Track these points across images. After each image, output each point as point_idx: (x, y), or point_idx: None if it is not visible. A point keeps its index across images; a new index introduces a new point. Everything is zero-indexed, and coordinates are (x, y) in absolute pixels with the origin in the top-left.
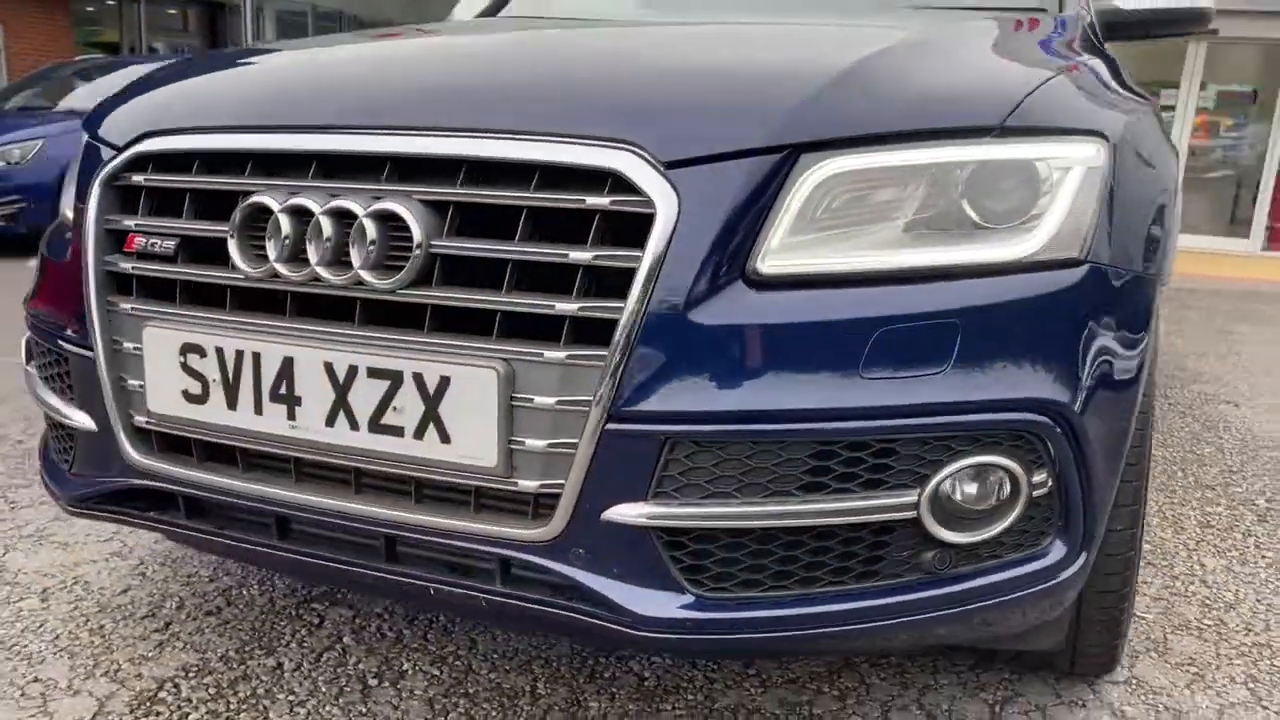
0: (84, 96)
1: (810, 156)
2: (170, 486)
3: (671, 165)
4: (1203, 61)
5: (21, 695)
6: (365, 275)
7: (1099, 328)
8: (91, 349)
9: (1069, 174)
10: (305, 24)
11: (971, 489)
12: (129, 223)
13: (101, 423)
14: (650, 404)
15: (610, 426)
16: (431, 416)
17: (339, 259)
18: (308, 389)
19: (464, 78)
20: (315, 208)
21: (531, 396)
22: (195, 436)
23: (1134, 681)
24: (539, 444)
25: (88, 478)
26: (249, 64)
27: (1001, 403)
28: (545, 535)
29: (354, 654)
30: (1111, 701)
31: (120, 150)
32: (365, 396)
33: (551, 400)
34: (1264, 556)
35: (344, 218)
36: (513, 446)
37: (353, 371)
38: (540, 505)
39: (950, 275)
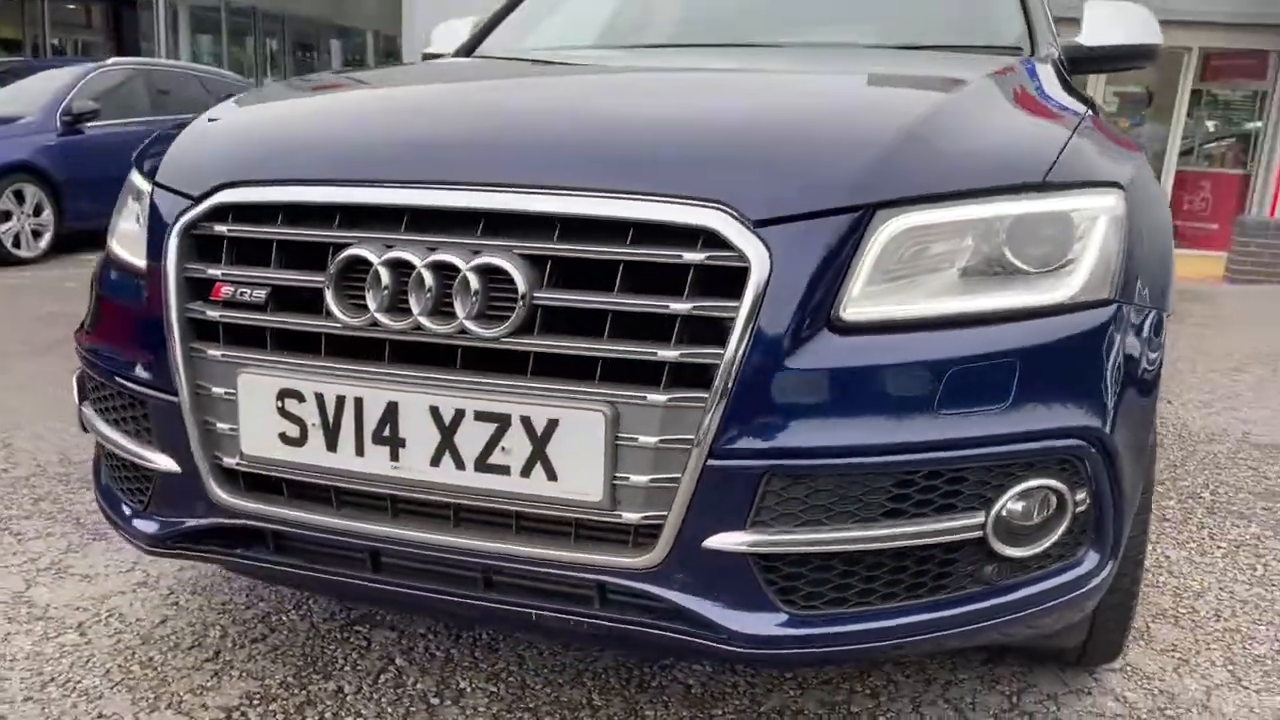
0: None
1: (884, 213)
2: (261, 524)
3: (761, 224)
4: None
5: None
6: (469, 325)
7: (1125, 358)
8: (175, 393)
9: (1096, 222)
10: (219, 19)
11: (1028, 508)
12: (214, 272)
13: (185, 465)
14: (748, 442)
15: (711, 463)
16: (539, 456)
17: (440, 309)
18: (412, 432)
19: (549, 133)
20: (416, 261)
21: (636, 436)
22: (291, 478)
23: (1128, 669)
24: (642, 479)
25: (168, 517)
26: (317, 106)
27: (1052, 431)
28: (647, 563)
29: (409, 675)
30: (1113, 688)
31: (196, 200)
32: (472, 438)
33: (655, 439)
34: (1219, 547)
35: (445, 270)
36: (617, 482)
37: (459, 415)
38: (641, 535)
39: (1007, 319)
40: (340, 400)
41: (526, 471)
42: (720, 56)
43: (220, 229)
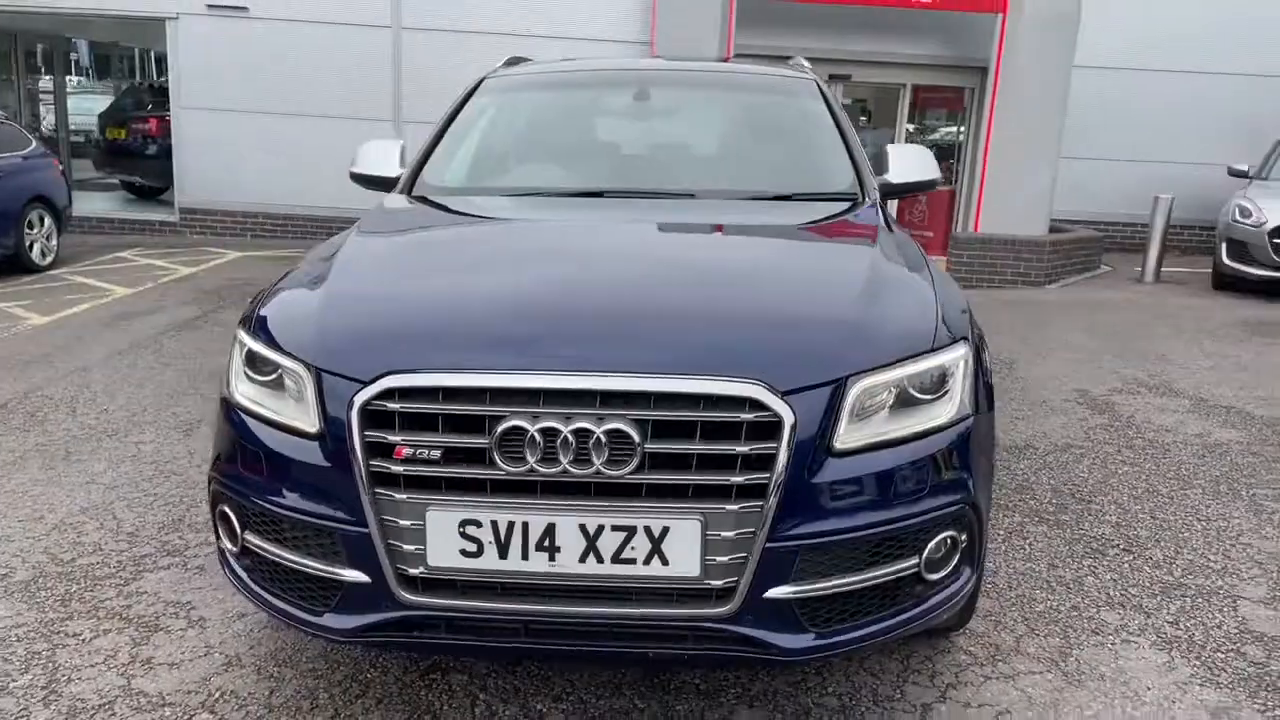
0: None
1: (853, 379)
2: (444, 614)
3: (787, 393)
4: (840, 93)
5: None
6: (602, 468)
7: (981, 443)
8: (364, 525)
9: (959, 365)
10: None
11: (937, 549)
12: (394, 439)
13: (374, 576)
14: (789, 529)
15: (768, 545)
16: (656, 551)
17: (579, 458)
18: (566, 541)
19: (629, 329)
20: (561, 427)
21: (719, 533)
22: (465, 580)
23: (968, 632)
24: (723, 559)
25: (357, 615)
26: (435, 295)
27: (950, 501)
28: (727, 611)
29: (495, 705)
30: (962, 645)
31: (366, 383)
32: (609, 542)
33: (731, 533)
34: (998, 534)
35: (582, 433)
36: (707, 562)
37: (600, 528)
38: (720, 594)
39: (921, 436)
40: (510, 524)
41: (648, 561)
42: (660, 210)
43: (392, 406)
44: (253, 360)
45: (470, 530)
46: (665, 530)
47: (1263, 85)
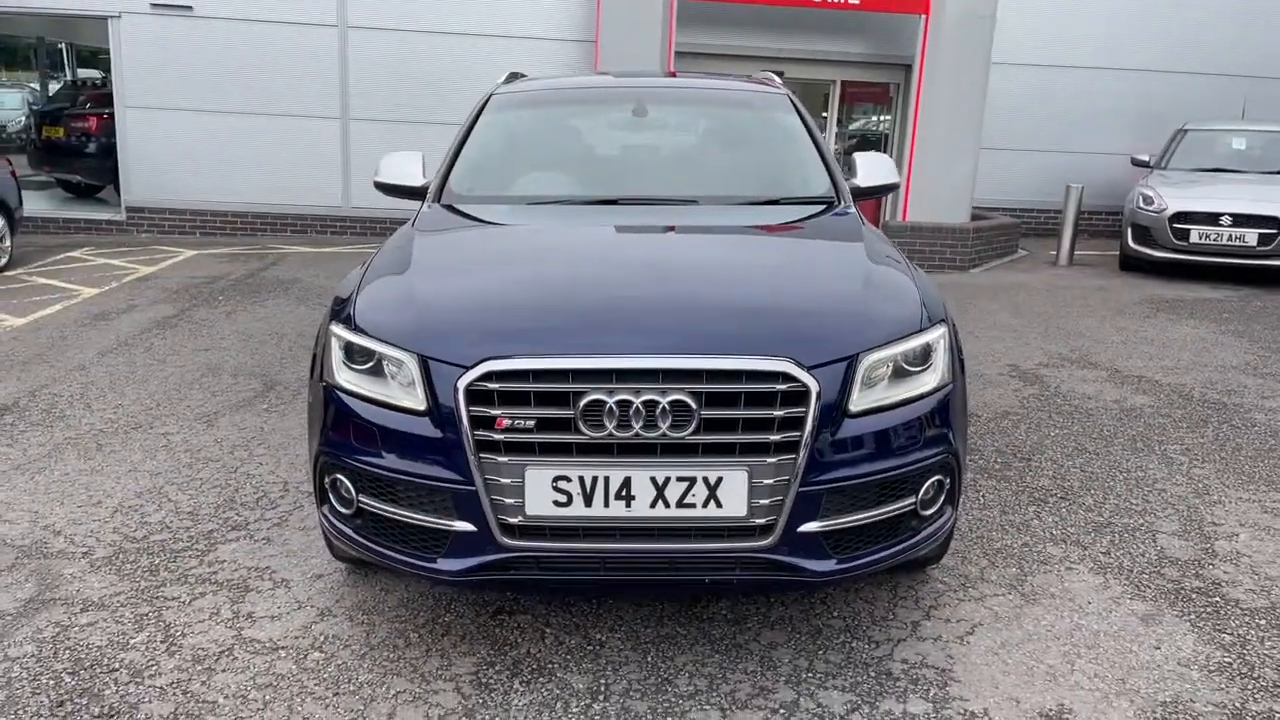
0: None
1: (863, 355)
2: (539, 554)
3: (812, 367)
4: None
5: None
6: (667, 432)
7: (957, 405)
8: (471, 484)
9: (940, 342)
10: None
11: (929, 490)
12: (495, 413)
13: (480, 525)
14: (816, 477)
15: (800, 490)
16: (712, 496)
17: (648, 424)
18: (639, 491)
19: (691, 322)
20: (633, 399)
21: (761, 480)
22: (559, 526)
23: (943, 566)
24: (765, 502)
25: (464, 559)
26: (515, 289)
27: (938, 452)
28: (768, 545)
29: (562, 635)
30: (936, 576)
31: (469, 368)
32: (674, 490)
33: (771, 481)
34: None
35: (649, 404)
36: (752, 504)
37: (667, 480)
38: (763, 530)
39: (913, 400)
40: (594, 479)
41: (705, 505)
42: (674, 215)
43: (492, 386)
44: (351, 351)
45: (561, 484)
46: (719, 480)
47: (1163, 80)
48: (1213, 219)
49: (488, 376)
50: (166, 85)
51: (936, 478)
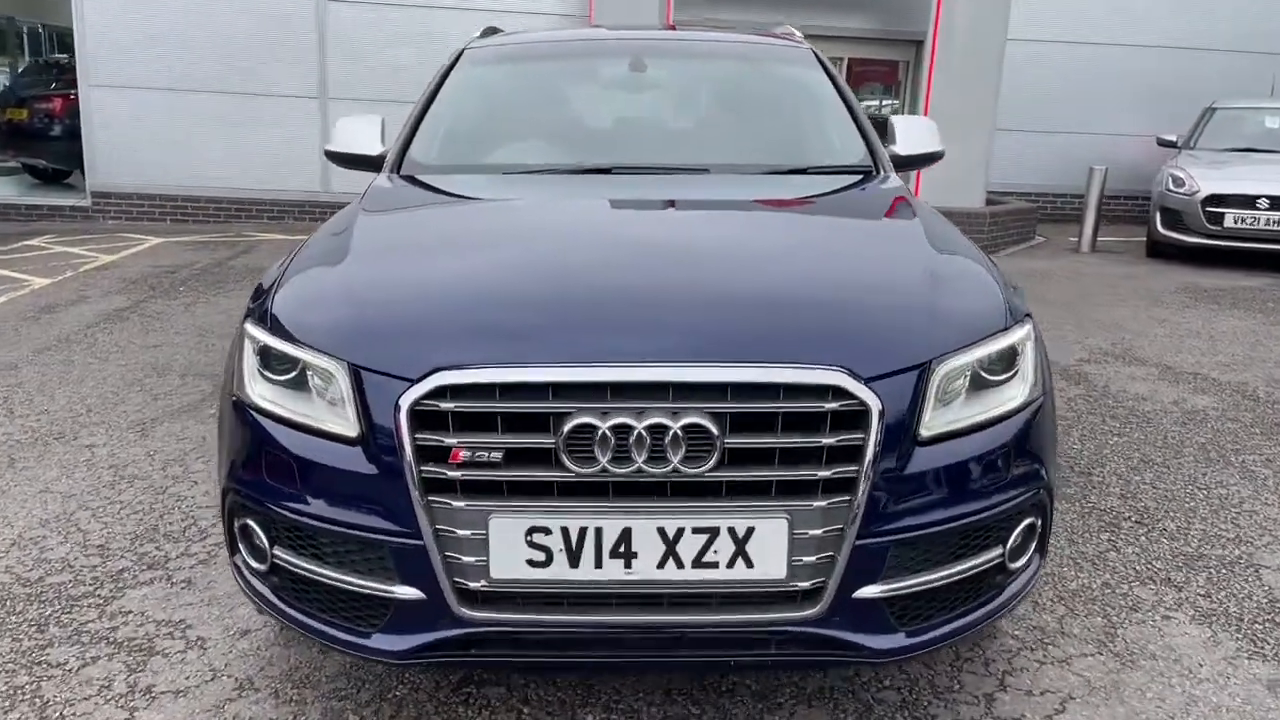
0: None
1: (938, 362)
2: (509, 630)
3: (872, 379)
4: None
5: None
6: (680, 466)
7: (1048, 424)
8: (417, 537)
9: (1028, 344)
10: None
11: (1019, 536)
12: (450, 441)
13: (430, 591)
14: (880, 525)
15: (858, 543)
16: (740, 553)
17: (653, 456)
18: (643, 546)
19: (709, 319)
20: (634, 423)
21: (806, 531)
22: (535, 592)
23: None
24: (810, 559)
25: (411, 634)
26: (475, 279)
27: (1030, 488)
28: (815, 615)
29: (538, 716)
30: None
31: (415, 381)
32: (690, 546)
33: (819, 531)
34: None
35: (656, 429)
36: (794, 563)
37: (680, 531)
38: (807, 596)
39: (999, 419)
40: (583, 530)
41: (731, 565)
42: (679, 187)
43: (445, 405)
44: (267, 357)
45: (538, 538)
46: (750, 530)
47: (1187, 57)
48: (1249, 202)
49: (439, 393)
50: (133, 64)
51: (1029, 520)
